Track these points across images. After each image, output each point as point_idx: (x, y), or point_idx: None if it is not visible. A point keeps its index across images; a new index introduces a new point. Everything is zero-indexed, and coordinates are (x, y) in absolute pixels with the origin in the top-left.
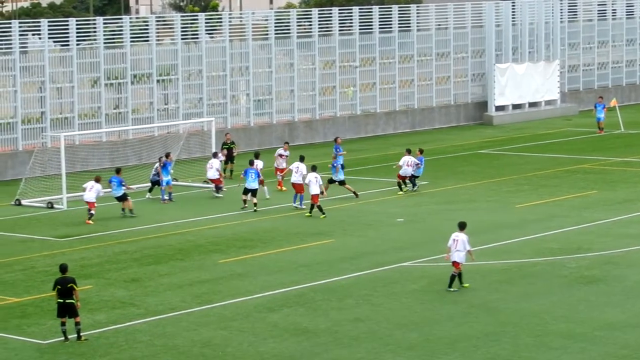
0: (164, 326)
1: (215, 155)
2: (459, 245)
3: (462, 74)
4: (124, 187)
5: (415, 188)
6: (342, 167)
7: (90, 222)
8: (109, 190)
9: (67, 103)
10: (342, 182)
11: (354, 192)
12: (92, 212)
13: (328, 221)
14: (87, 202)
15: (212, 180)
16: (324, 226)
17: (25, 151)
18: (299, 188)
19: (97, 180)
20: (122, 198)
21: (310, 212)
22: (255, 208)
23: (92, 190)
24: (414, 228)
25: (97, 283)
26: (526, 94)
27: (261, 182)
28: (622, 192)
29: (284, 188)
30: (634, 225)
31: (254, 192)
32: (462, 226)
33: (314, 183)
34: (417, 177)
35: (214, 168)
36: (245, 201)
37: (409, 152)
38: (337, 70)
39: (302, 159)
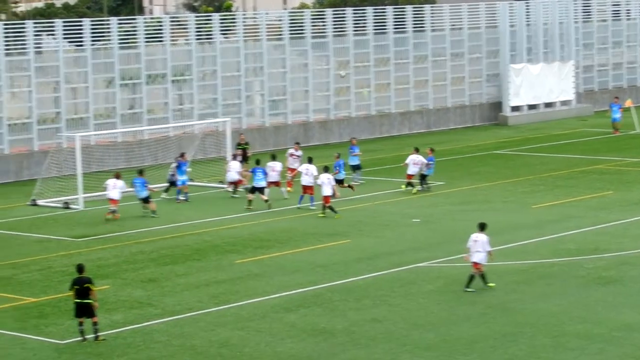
0: (181, 326)
1: (234, 157)
2: (479, 246)
3: (476, 74)
4: (147, 188)
5: (424, 187)
6: (359, 167)
7: (110, 216)
8: (131, 189)
9: (82, 103)
10: (340, 182)
11: (350, 186)
12: (114, 208)
13: (344, 221)
14: (111, 200)
15: (234, 183)
16: (340, 226)
17: (40, 151)
18: (309, 190)
19: (118, 176)
20: (146, 199)
21: (323, 212)
22: (268, 205)
23: (116, 188)
24: (430, 228)
25: (114, 283)
26: (541, 95)
27: (277, 184)
28: (638, 193)
29: (289, 189)
30: None
31: (261, 190)
32: (482, 227)
33: (326, 184)
34: (427, 176)
35: (232, 170)
36: (250, 201)
37: (416, 150)
38: (351, 71)
39: (310, 161)
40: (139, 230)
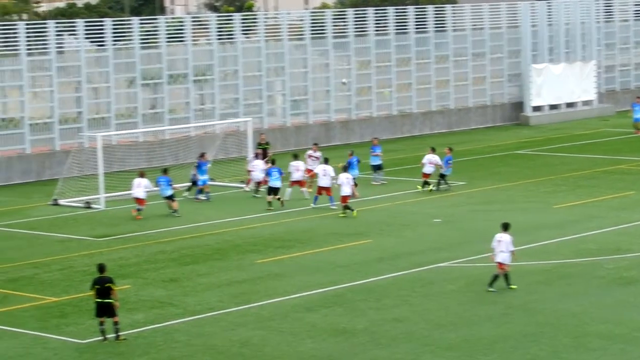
0: (202, 326)
1: (257, 156)
2: (503, 246)
3: (498, 74)
4: (171, 187)
5: (440, 187)
6: (381, 167)
7: (136, 213)
8: (156, 189)
9: (103, 103)
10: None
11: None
12: (141, 207)
13: (365, 221)
14: (137, 199)
15: (258, 182)
16: (361, 226)
17: (62, 151)
18: (326, 190)
19: (142, 175)
20: (170, 198)
21: (344, 213)
22: (281, 203)
23: (140, 187)
24: (451, 228)
25: (135, 283)
26: (563, 95)
27: (301, 184)
28: None
29: (308, 189)
30: None
31: (275, 191)
32: (505, 227)
33: (346, 184)
34: (446, 175)
35: (257, 170)
36: (270, 202)
37: (433, 150)
38: (372, 71)
39: (327, 161)
40: (159, 230)
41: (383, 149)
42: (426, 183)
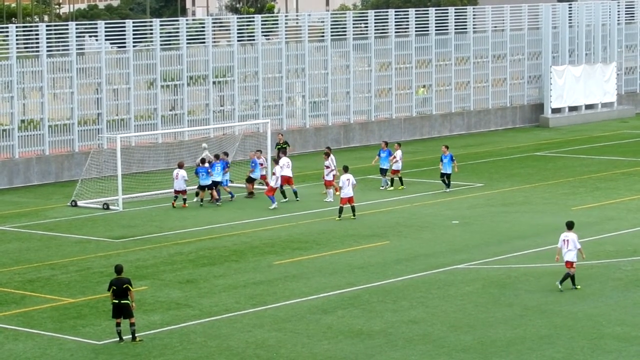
0: (218, 327)
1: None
2: (570, 245)
3: (518, 76)
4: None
5: (448, 189)
6: (386, 171)
7: (186, 204)
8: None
9: (123, 104)
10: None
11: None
12: (185, 197)
13: (383, 223)
14: (179, 191)
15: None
16: (378, 228)
17: (81, 152)
18: (273, 192)
19: (181, 166)
20: (209, 187)
21: (353, 215)
22: (214, 201)
23: (178, 178)
24: (468, 230)
25: (152, 284)
26: (582, 96)
27: (328, 184)
28: None
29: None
30: None
31: (215, 184)
32: (570, 225)
33: (347, 185)
34: (449, 174)
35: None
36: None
37: (399, 145)
38: (392, 72)
39: (285, 152)
40: (177, 231)
41: (402, 151)
42: (399, 181)
